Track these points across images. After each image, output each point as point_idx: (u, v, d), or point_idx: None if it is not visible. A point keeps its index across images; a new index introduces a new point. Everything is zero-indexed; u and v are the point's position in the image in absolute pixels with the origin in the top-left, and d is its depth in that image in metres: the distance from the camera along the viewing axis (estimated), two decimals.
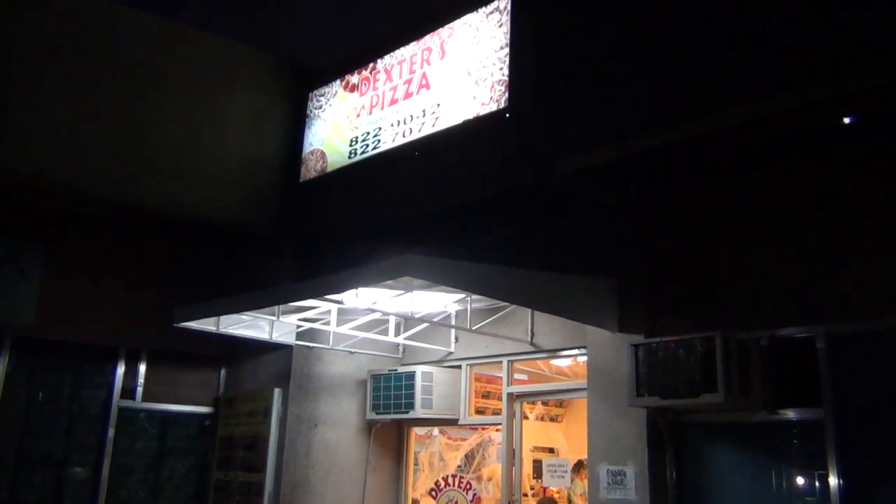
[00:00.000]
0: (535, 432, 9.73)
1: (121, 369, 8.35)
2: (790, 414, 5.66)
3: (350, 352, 8.19)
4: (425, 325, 7.60)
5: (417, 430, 8.61)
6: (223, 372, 8.96)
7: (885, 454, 5.25)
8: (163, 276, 8.41)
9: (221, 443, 8.50)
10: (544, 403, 10.35)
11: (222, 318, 7.19)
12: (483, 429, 8.28)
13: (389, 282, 5.66)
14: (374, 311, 6.90)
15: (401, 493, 8.36)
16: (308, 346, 7.97)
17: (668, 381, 5.67)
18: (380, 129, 8.03)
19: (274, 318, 7.08)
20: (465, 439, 8.40)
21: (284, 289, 6.64)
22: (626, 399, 5.94)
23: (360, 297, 6.10)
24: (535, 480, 7.79)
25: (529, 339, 7.37)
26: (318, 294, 6.20)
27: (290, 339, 7.87)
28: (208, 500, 8.40)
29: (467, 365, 8.03)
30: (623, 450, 6.26)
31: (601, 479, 6.33)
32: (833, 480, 5.27)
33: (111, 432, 8.14)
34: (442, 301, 6.92)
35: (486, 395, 8.03)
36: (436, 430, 8.47)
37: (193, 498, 8.48)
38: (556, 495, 8.05)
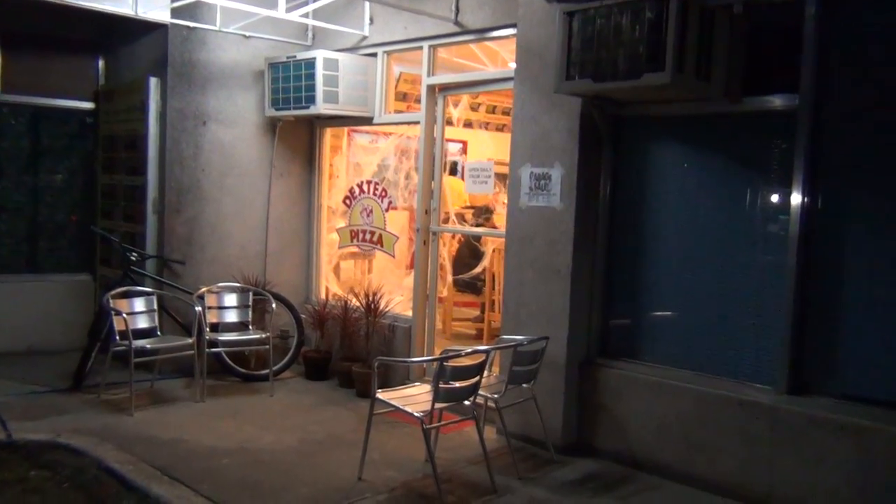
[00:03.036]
0: (483, 145, 8.69)
1: None
2: (757, 103, 4.46)
3: (244, 35, 6.74)
4: None
5: (334, 134, 7.45)
6: (101, 61, 7.54)
7: (865, 160, 4.14)
8: None
9: (104, 142, 7.35)
10: (489, 110, 9.28)
11: None
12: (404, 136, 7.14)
13: None
14: None
15: (313, 201, 7.41)
16: (188, 27, 6.49)
17: (604, 59, 4.36)
18: None
19: None
20: (386, 136, 7.28)
21: None
22: (553, 81, 4.68)
23: None
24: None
25: (454, 16, 5.92)
26: None
27: (163, 16, 6.36)
28: (97, 206, 7.45)
29: (383, 52, 6.64)
30: (550, 149, 5.14)
31: (522, 184, 5.29)
32: (797, 193, 4.23)
33: None
34: None
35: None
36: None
37: (80, 203, 7.52)
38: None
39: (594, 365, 5.18)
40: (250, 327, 6.50)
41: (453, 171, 8.48)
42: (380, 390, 4.59)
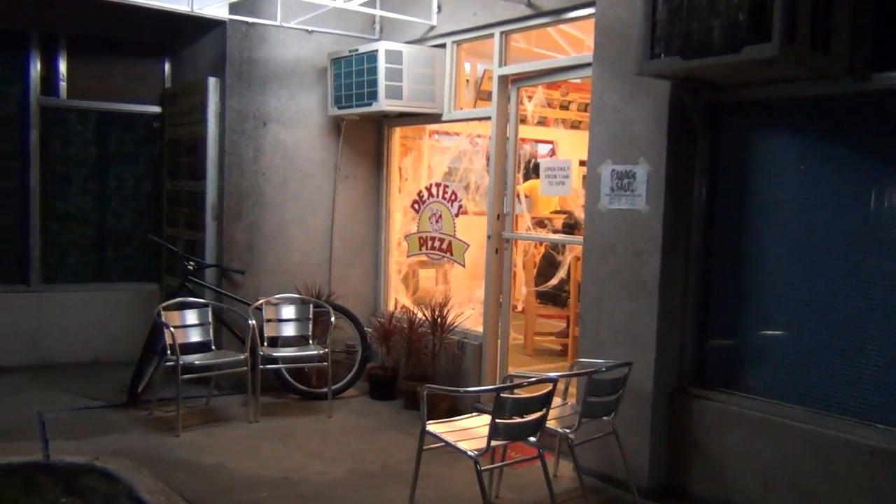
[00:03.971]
0: (575, 146, 7.95)
1: (36, 60, 6.81)
2: (889, 80, 3.61)
3: (307, 30, 6.33)
4: None
5: (404, 133, 6.94)
6: (167, 64, 7.32)
7: None
8: None
9: (169, 147, 7.11)
10: (581, 108, 8.53)
11: None
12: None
13: None
14: None
15: (381, 206, 6.92)
16: (247, 23, 6.13)
17: (695, 31, 3.62)
18: None
19: None
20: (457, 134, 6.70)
21: None
22: (635, 65, 3.98)
23: None
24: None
25: None
26: None
27: (221, 12, 6.02)
28: (163, 213, 7.22)
29: (452, 42, 6.07)
30: (634, 143, 4.43)
31: (602, 183, 4.59)
32: None
33: (34, 135, 6.81)
34: None
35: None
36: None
37: (146, 210, 7.31)
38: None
39: (687, 395, 4.41)
40: (311, 342, 6.06)
41: (538, 173, 7.81)
42: (431, 422, 4.00)
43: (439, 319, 5.86)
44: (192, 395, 5.90)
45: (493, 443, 3.70)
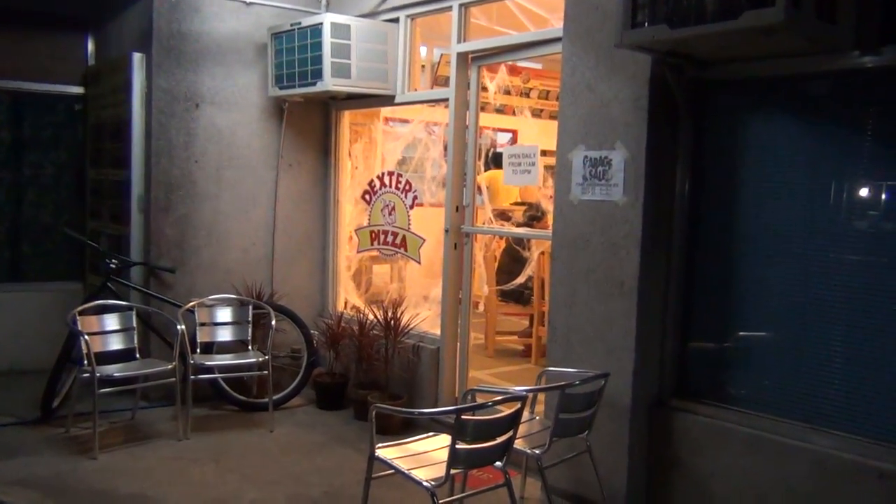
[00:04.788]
0: (537, 135, 7.46)
1: None
2: None
3: (245, 2, 5.73)
4: None
5: (355, 118, 6.36)
6: (91, 38, 6.60)
7: None
8: None
9: (93, 132, 6.41)
10: (541, 96, 8.06)
11: None
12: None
13: None
14: None
15: (329, 196, 6.34)
16: None
17: None
18: None
19: None
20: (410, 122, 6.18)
21: None
22: (613, 36, 3.48)
23: None
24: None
25: None
26: None
27: None
28: (87, 205, 6.53)
29: (406, 16, 5.51)
30: (610, 126, 3.94)
31: (574, 172, 4.10)
32: None
33: None
34: None
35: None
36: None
37: (68, 202, 6.60)
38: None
39: (668, 408, 3.96)
40: (250, 347, 5.47)
41: (498, 163, 7.32)
42: (382, 446, 3.48)
43: (392, 321, 5.32)
44: (115, 409, 5.28)
45: (453, 471, 3.20)
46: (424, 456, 3.44)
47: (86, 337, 4.69)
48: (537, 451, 3.59)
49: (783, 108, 3.62)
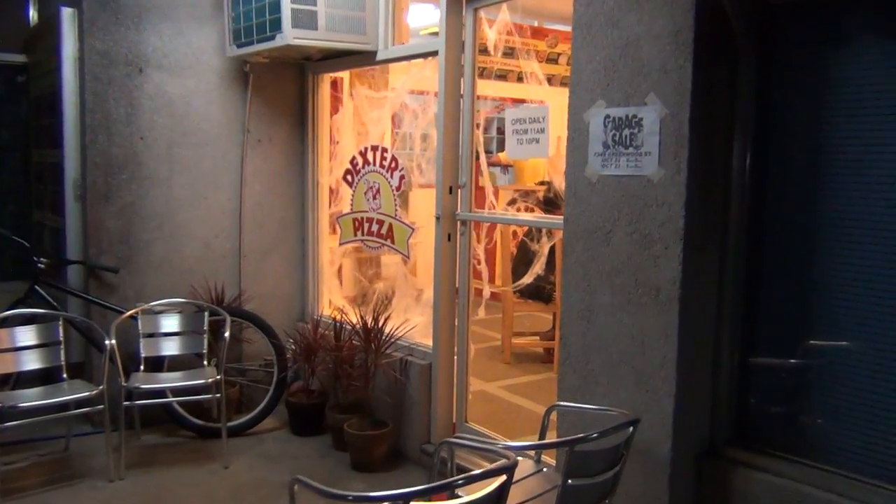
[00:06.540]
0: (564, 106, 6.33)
1: None
2: None
3: None
4: None
5: (336, 82, 5.33)
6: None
7: None
8: None
9: (33, 106, 5.50)
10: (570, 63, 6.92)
11: None
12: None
13: None
14: None
15: (307, 177, 5.33)
16: None
17: None
18: None
19: None
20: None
21: None
22: None
23: None
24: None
25: None
26: None
27: None
28: (32, 192, 5.63)
29: None
30: (641, 73, 2.85)
31: (592, 137, 3.02)
32: None
33: None
34: None
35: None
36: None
37: (12, 189, 5.69)
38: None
39: (723, 460, 2.89)
40: (206, 363, 4.51)
41: None
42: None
43: (374, 331, 4.31)
44: (46, 437, 4.40)
45: None
46: None
47: None
48: None
49: (892, 39, 2.50)
